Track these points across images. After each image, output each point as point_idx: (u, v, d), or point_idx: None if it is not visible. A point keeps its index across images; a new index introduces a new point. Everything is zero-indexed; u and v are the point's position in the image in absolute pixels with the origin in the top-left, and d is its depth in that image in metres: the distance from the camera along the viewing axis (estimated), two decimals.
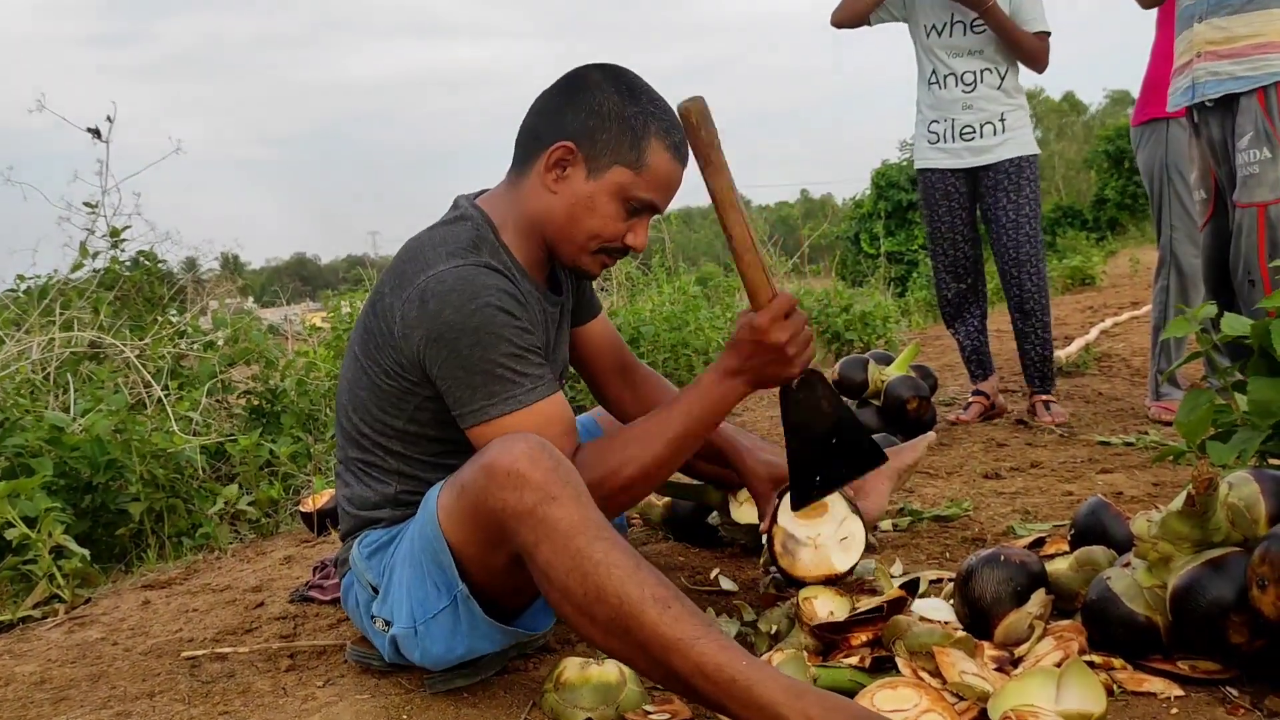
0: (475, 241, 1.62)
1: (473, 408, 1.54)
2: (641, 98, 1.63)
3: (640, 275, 8.00)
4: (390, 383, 1.61)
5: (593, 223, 1.63)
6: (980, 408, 3.78)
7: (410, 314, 1.55)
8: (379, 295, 1.64)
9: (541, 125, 1.65)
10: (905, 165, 17.49)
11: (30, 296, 4.58)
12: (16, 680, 1.80)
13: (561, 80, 1.67)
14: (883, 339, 7.02)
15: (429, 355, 1.54)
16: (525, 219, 1.66)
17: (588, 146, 1.61)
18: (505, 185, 1.71)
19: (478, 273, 1.55)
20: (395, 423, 1.65)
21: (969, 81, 3.53)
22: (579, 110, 1.61)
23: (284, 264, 45.00)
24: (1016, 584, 1.63)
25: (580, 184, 1.62)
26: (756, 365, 1.61)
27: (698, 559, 2.28)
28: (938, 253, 3.73)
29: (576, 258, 1.68)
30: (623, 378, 1.99)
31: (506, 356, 1.53)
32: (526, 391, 1.54)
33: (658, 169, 1.62)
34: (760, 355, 1.60)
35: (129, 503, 3.15)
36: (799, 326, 1.60)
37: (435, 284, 1.53)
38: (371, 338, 1.63)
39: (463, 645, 1.55)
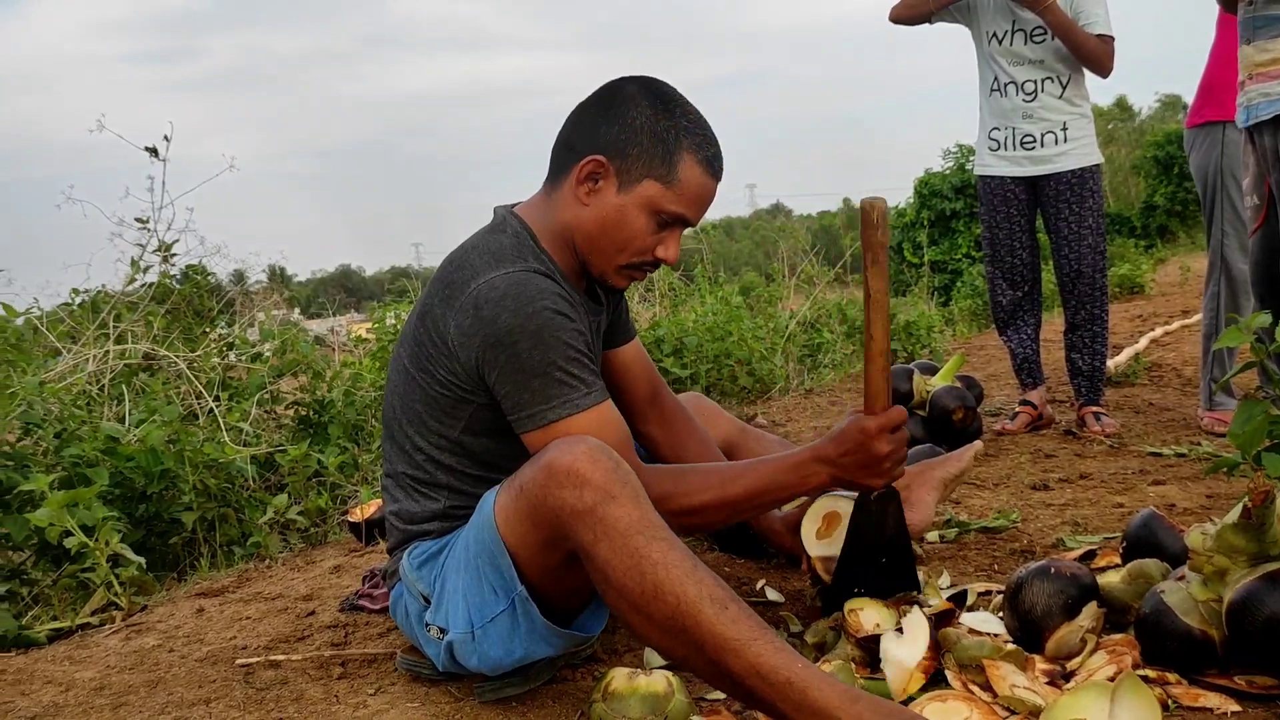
0: (518, 248, 1.64)
1: (530, 411, 1.56)
2: (675, 111, 1.64)
3: (683, 286, 8.01)
4: (444, 392, 1.63)
5: (623, 236, 1.64)
6: (1027, 418, 3.74)
7: (465, 322, 1.57)
8: (427, 307, 1.66)
9: (575, 137, 1.66)
10: (949, 174, 17.34)
11: (85, 310, 4.68)
12: (77, 686, 1.84)
13: (597, 93, 1.69)
14: (927, 349, 6.97)
15: (487, 360, 1.56)
16: (559, 230, 1.68)
17: (619, 160, 1.62)
18: (541, 196, 1.73)
19: (529, 277, 1.57)
20: (450, 433, 1.66)
21: (1030, 90, 3.51)
22: (612, 123, 1.63)
23: (329, 275, 45.53)
24: (1068, 596, 1.61)
25: (611, 197, 1.63)
26: (851, 465, 1.65)
27: (743, 569, 2.28)
28: (995, 259, 3.71)
29: (605, 271, 1.69)
30: (654, 407, 2.00)
31: (564, 359, 1.55)
32: (583, 395, 1.56)
33: (689, 183, 1.63)
34: (858, 456, 1.64)
35: (182, 512, 3.21)
36: (900, 443, 1.65)
37: (488, 290, 1.55)
38: (422, 349, 1.65)
39: (521, 648, 1.56)
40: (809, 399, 5.29)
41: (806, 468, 1.67)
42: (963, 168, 17.27)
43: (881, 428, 1.62)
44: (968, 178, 16.73)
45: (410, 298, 7.38)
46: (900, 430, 1.65)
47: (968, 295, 11.13)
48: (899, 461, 1.66)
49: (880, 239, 1.60)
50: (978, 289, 11.10)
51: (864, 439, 1.63)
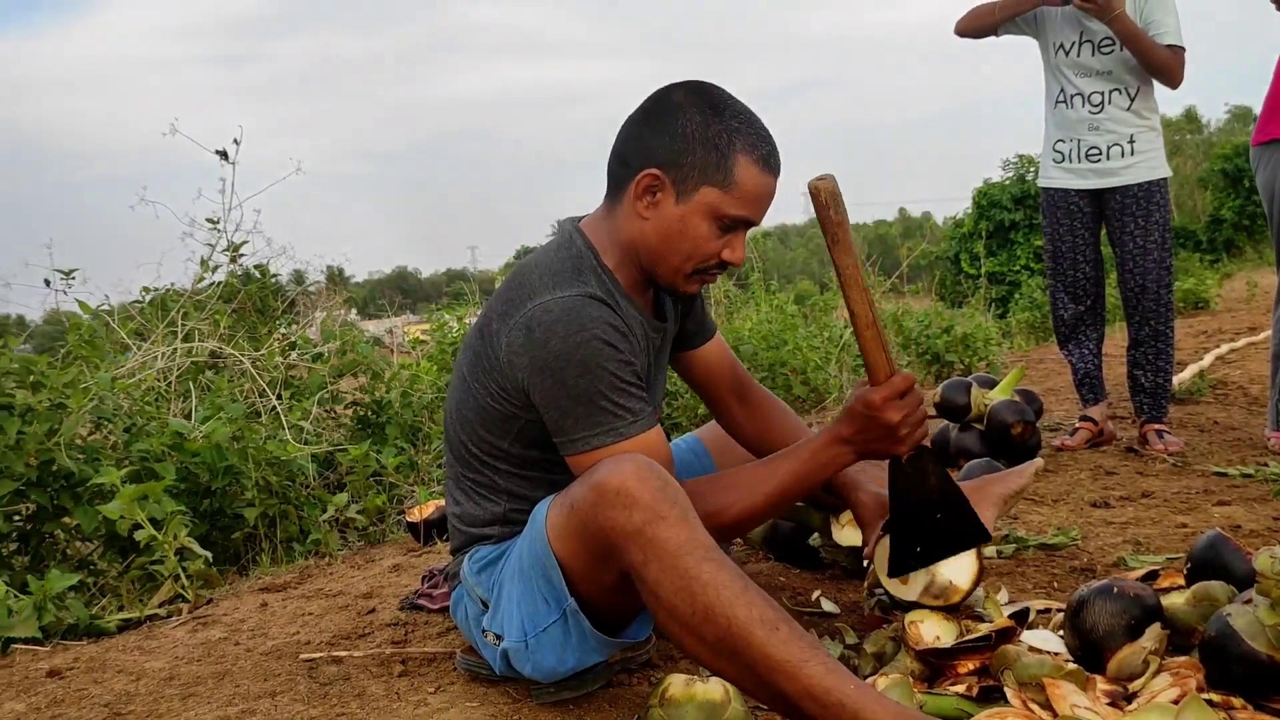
0: (579, 269, 1.65)
1: (574, 437, 1.57)
2: (725, 114, 1.62)
3: (737, 293, 8.01)
4: (496, 405, 1.65)
5: (686, 245, 1.64)
6: (1087, 434, 3.69)
7: (516, 342, 1.58)
8: (486, 320, 1.69)
9: (628, 152, 1.66)
10: (1008, 184, 17.12)
11: (154, 308, 4.79)
12: (147, 675, 1.89)
13: (645, 104, 1.68)
14: (984, 361, 6.89)
15: (534, 383, 1.58)
16: (622, 245, 1.69)
17: (674, 171, 1.61)
18: (603, 211, 1.73)
19: (584, 304, 1.58)
20: (501, 443, 1.69)
21: (1096, 102, 3.46)
22: (662, 134, 1.62)
23: (385, 277, 46.10)
24: (1131, 617, 1.60)
25: (671, 208, 1.63)
26: (868, 439, 1.64)
27: (799, 580, 2.28)
28: (1057, 272, 3.66)
29: (673, 280, 1.70)
30: (739, 399, 2.01)
31: (610, 389, 1.56)
32: (628, 425, 1.57)
33: (746, 184, 1.61)
34: (871, 430, 1.63)
35: (244, 507, 3.28)
36: (913, 406, 1.62)
37: (542, 313, 1.57)
38: (479, 361, 1.68)
39: (573, 658, 1.58)
40: None
41: (828, 452, 1.66)
42: (1023, 179, 17.05)
43: (887, 398, 1.60)
44: (1028, 188, 16.51)
45: (467, 301, 7.46)
46: (910, 394, 1.61)
47: (1026, 307, 11.00)
48: (917, 423, 1.63)
49: (835, 217, 1.58)
50: (1036, 301, 10.96)
51: (871, 412, 1.61)
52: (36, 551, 3.00)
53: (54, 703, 1.80)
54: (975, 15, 3.61)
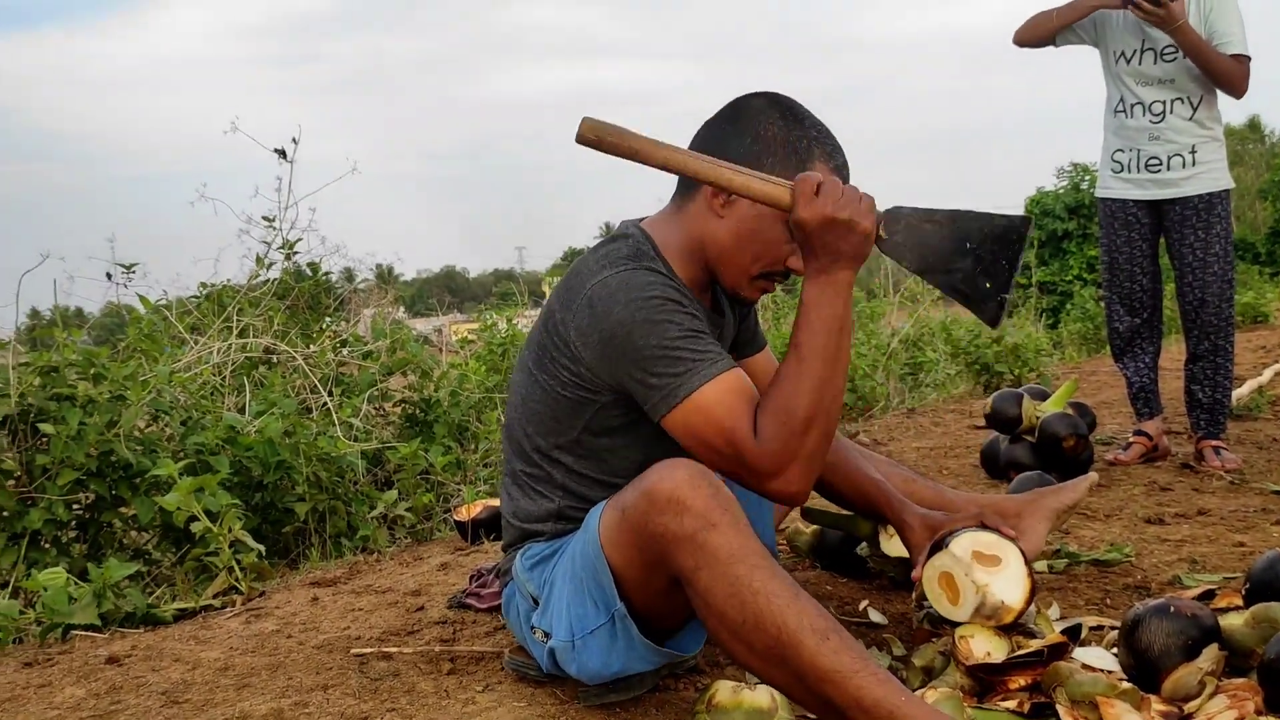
0: (635, 252, 1.66)
1: (662, 393, 1.54)
2: (805, 122, 1.66)
3: (785, 299, 7.98)
4: (567, 394, 1.66)
5: (757, 246, 1.66)
6: (1142, 449, 3.64)
7: (583, 322, 1.60)
8: (550, 313, 1.70)
9: (709, 151, 1.67)
10: (1062, 193, 16.90)
11: (211, 303, 4.88)
12: (203, 665, 1.93)
13: (725, 108, 1.71)
14: (1035, 373, 6.80)
15: (609, 354, 1.57)
16: (689, 243, 1.70)
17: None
18: (669, 211, 1.75)
19: (638, 272, 1.59)
20: (570, 433, 1.69)
21: (1157, 112, 3.41)
22: (744, 136, 1.65)
23: (434, 276, 46.50)
24: (1187, 637, 1.57)
25: (747, 208, 1.64)
26: (829, 249, 1.53)
27: (846, 589, 2.27)
28: (1114, 284, 3.61)
29: (738, 282, 1.70)
30: None
31: (680, 337, 1.54)
32: (709, 365, 1.54)
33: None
34: (825, 238, 1.53)
35: (295, 502, 3.33)
36: (835, 191, 1.52)
37: (600, 289, 1.58)
38: (545, 353, 1.69)
39: (619, 662, 1.59)
40: (911, 419, 5.22)
41: (822, 289, 1.55)
42: (1077, 187, 16.83)
43: (805, 204, 1.51)
44: (1082, 198, 16.29)
45: (514, 302, 7.51)
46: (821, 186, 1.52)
47: (1078, 319, 10.85)
48: (854, 199, 1.52)
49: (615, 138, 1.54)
50: (1088, 312, 10.81)
51: (806, 228, 1.52)
52: (95, 540, 3.07)
53: (113, 689, 1.84)
54: (1033, 24, 3.56)
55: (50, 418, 2.88)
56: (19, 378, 2.96)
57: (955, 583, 1.72)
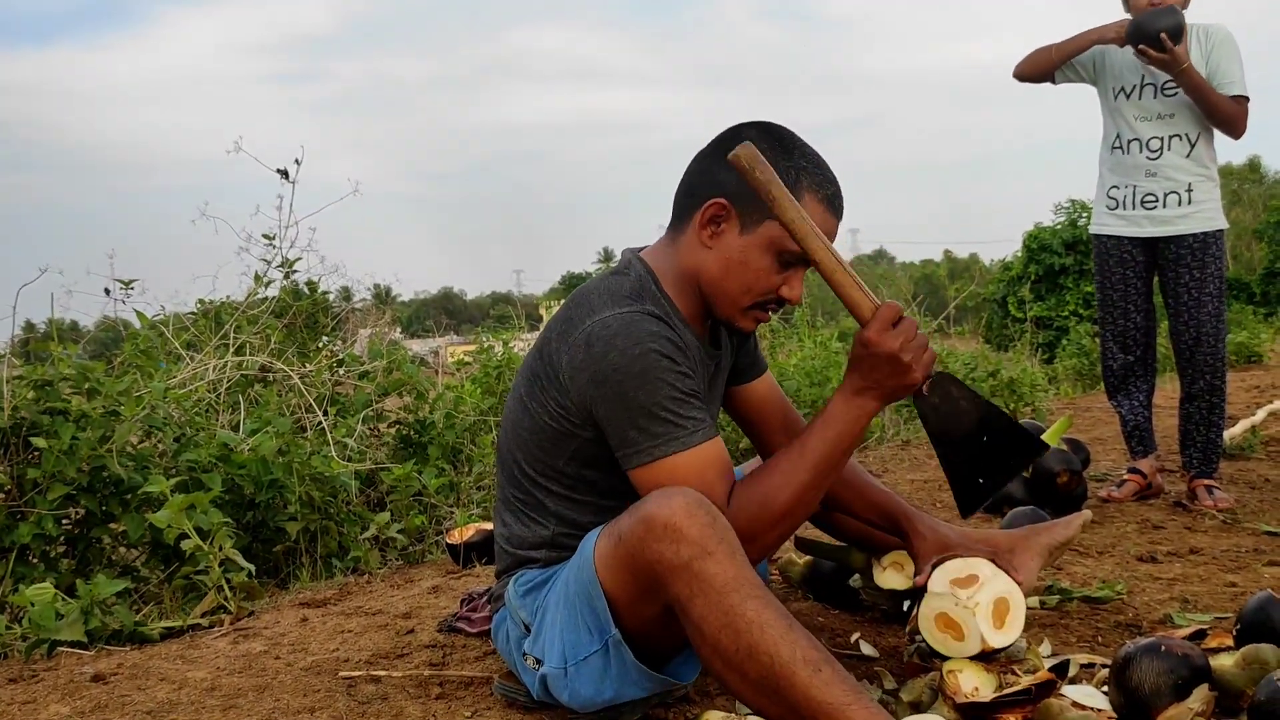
0: (638, 291, 1.67)
1: (636, 449, 1.58)
2: (794, 153, 1.66)
3: (781, 328, 7.99)
4: (553, 424, 1.67)
5: (747, 277, 1.66)
6: (1135, 486, 3.64)
7: (577, 358, 1.60)
8: (545, 340, 1.71)
9: (697, 183, 1.69)
10: (1059, 228, 16.98)
11: (208, 320, 4.88)
12: (189, 685, 1.92)
13: (716, 139, 1.72)
14: (1030, 407, 6.82)
15: (594, 397, 1.59)
16: (682, 273, 1.71)
17: (740, 202, 1.64)
18: (665, 241, 1.76)
19: (641, 318, 1.60)
20: (556, 462, 1.70)
21: (1155, 148, 3.42)
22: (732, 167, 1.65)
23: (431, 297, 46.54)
24: (1178, 676, 1.57)
25: (734, 239, 1.65)
26: (878, 379, 1.60)
27: (838, 621, 2.27)
28: (1107, 321, 3.62)
29: (731, 313, 1.71)
30: (789, 435, 2.00)
31: (669, 400, 1.57)
32: (689, 434, 1.58)
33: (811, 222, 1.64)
34: (878, 369, 1.59)
35: (287, 521, 3.31)
36: (909, 332, 1.58)
37: (600, 329, 1.59)
38: (537, 380, 1.70)
39: (611, 689, 1.58)
40: (906, 450, 5.23)
41: (849, 407, 1.62)
42: (1074, 223, 16.91)
43: (879, 329, 1.57)
44: (1079, 233, 16.37)
45: (512, 325, 7.52)
46: (902, 321, 1.58)
47: (1073, 354, 10.88)
48: (921, 347, 1.59)
49: (764, 176, 1.56)
50: (1084, 348, 10.84)
51: (870, 350, 1.58)
52: (83, 556, 3.06)
53: (98, 707, 1.83)
54: (1034, 59, 3.59)
55: (43, 432, 2.88)
56: (13, 391, 2.95)
57: (952, 618, 1.72)
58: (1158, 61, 3.23)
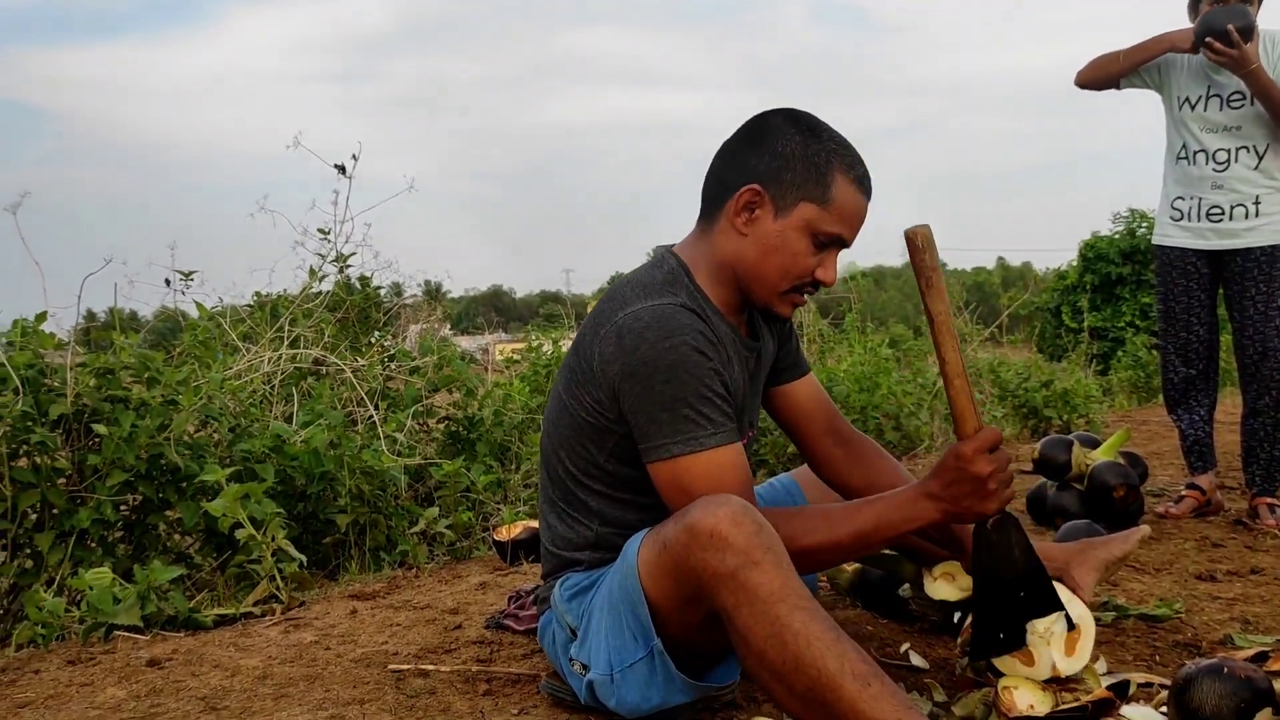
0: (671, 282, 1.67)
1: (656, 443, 1.58)
2: (823, 135, 1.66)
3: (831, 333, 7.94)
4: (590, 419, 1.67)
5: (784, 260, 1.66)
6: (1194, 503, 3.56)
7: (608, 350, 1.60)
8: (581, 336, 1.72)
9: (727, 172, 1.69)
10: (1117, 238, 16.69)
11: (264, 313, 4.95)
12: (242, 673, 1.94)
13: (743, 127, 1.72)
14: (1084, 419, 6.71)
15: (623, 389, 1.59)
16: (717, 263, 1.70)
17: (774, 187, 1.64)
18: (696, 233, 1.76)
19: (674, 311, 1.59)
20: (597, 459, 1.70)
21: (1221, 160, 3.35)
22: (762, 153, 1.65)
23: (481, 294, 46.87)
24: (1240, 699, 1.53)
25: (769, 224, 1.65)
26: (956, 494, 1.60)
27: (886, 630, 2.24)
28: (1169, 333, 3.55)
29: (769, 299, 1.70)
30: (836, 440, 1.97)
31: (695, 398, 1.56)
32: (709, 435, 1.57)
33: (844, 202, 1.64)
34: (961, 485, 1.59)
35: (337, 514, 3.35)
36: (1002, 462, 1.59)
37: (632, 321, 1.59)
38: (574, 376, 1.70)
39: (658, 696, 1.58)
40: None
41: (914, 505, 1.62)
42: (1133, 233, 16.60)
43: (977, 450, 1.57)
44: (1138, 243, 16.07)
45: (561, 324, 7.54)
46: (998, 450, 1.59)
47: (1129, 366, 10.69)
48: (1005, 482, 1.60)
49: (930, 262, 1.59)
50: (1140, 360, 10.65)
51: (961, 464, 1.57)
52: (140, 542, 3.11)
53: (153, 692, 1.86)
54: (1098, 65, 3.52)
55: (104, 419, 2.93)
56: (76, 378, 3.01)
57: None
58: (1225, 59, 3.15)
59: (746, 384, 1.78)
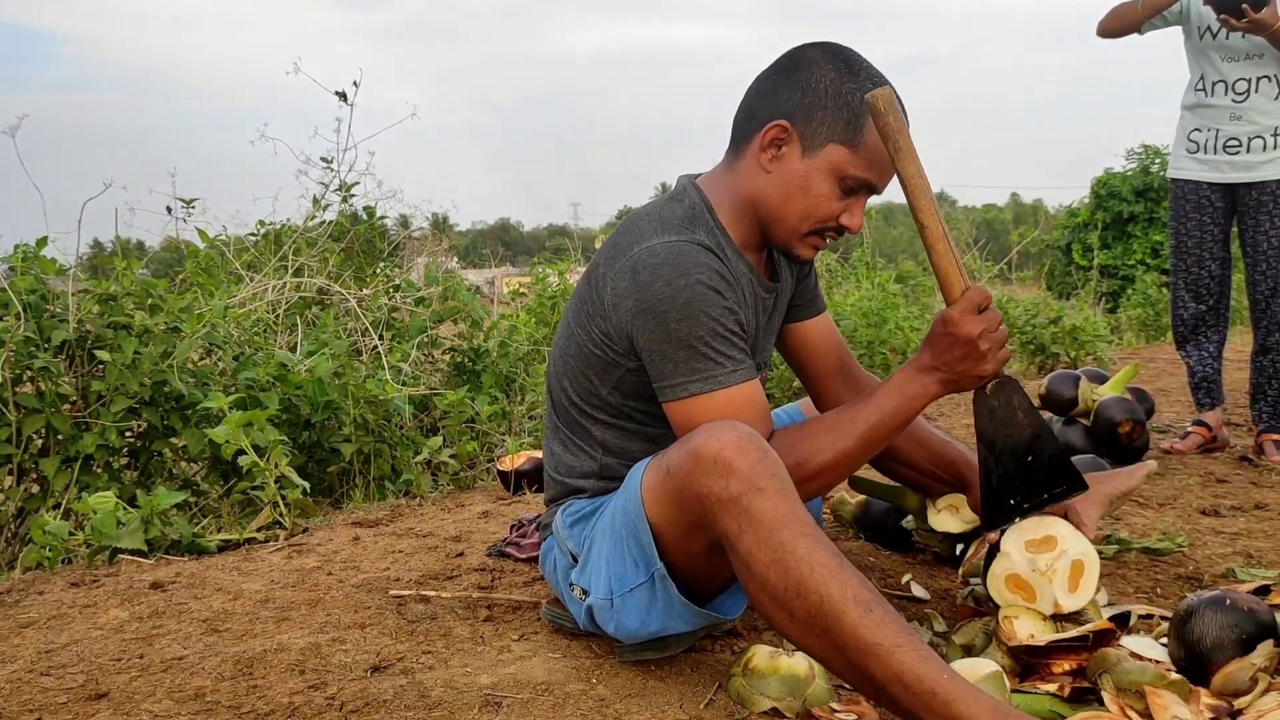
0: (690, 219, 1.63)
1: (672, 382, 1.55)
2: (860, 74, 1.59)
3: (839, 267, 7.89)
4: (598, 351, 1.65)
5: (807, 202, 1.61)
6: (1200, 439, 3.55)
7: (621, 285, 1.57)
8: (594, 266, 1.68)
9: (757, 105, 1.63)
10: (1130, 175, 16.49)
11: (267, 241, 4.92)
12: (244, 596, 1.95)
13: (780, 59, 1.65)
14: (1091, 356, 6.68)
15: (636, 326, 1.56)
16: (740, 199, 1.66)
17: (803, 124, 1.58)
18: (723, 166, 1.71)
19: (691, 249, 1.56)
20: (600, 391, 1.68)
21: (1241, 90, 3.28)
22: (795, 88, 1.59)
23: (488, 227, 46.67)
24: (1242, 631, 1.52)
25: (795, 163, 1.60)
26: (950, 360, 1.57)
27: (889, 562, 2.24)
28: (1180, 269, 3.51)
29: (789, 240, 1.66)
30: (844, 381, 1.95)
31: (711, 335, 1.53)
32: (727, 373, 1.55)
33: (876, 147, 1.57)
34: (953, 350, 1.56)
35: (341, 443, 3.36)
36: (993, 322, 1.55)
37: (648, 256, 1.55)
38: (585, 305, 1.67)
39: (656, 622, 1.58)
40: (963, 397, 5.15)
41: (913, 383, 1.60)
42: (1146, 170, 16.41)
43: (964, 311, 1.54)
44: (1151, 180, 15.89)
45: (569, 258, 7.50)
46: (987, 309, 1.56)
47: (1139, 304, 10.63)
48: (999, 341, 1.57)
49: (895, 124, 1.52)
50: (1150, 298, 10.58)
51: (950, 328, 1.55)
52: (145, 468, 3.13)
53: (155, 613, 1.87)
54: (1117, 15, 3.44)
55: (107, 345, 2.92)
56: (78, 304, 3.00)
57: (1025, 580, 1.68)
58: (1244, 28, 3.10)
59: (762, 324, 1.76)
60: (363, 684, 1.53)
